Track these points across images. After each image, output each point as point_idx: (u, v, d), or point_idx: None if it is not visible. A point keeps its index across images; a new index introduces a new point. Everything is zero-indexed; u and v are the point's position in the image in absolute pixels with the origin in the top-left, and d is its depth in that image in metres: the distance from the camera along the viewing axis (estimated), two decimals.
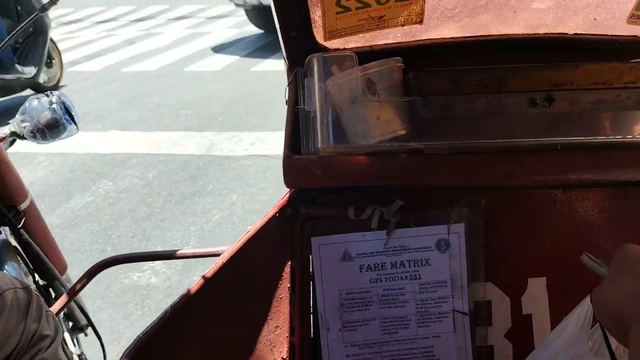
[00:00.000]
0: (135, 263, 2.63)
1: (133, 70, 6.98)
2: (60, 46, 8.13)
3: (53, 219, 3.35)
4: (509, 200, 1.22)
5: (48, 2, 1.18)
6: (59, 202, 3.67)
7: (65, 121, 1.37)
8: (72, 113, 1.42)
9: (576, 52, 1.09)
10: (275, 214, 1.17)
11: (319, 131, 1.01)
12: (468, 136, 0.98)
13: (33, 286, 1.20)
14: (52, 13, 10.73)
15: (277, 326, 1.24)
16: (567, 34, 1.15)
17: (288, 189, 1.16)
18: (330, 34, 1.07)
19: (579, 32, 1.14)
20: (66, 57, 7.44)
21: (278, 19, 1.01)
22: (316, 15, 1.05)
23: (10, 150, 1.43)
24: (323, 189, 1.17)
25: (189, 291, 1.09)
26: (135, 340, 0.96)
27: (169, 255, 1.37)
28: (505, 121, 0.97)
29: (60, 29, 9.69)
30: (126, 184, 3.88)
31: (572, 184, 1.18)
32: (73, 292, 1.25)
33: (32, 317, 0.89)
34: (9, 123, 1.38)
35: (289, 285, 1.24)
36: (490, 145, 0.98)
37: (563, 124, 0.96)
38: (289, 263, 1.23)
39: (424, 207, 1.20)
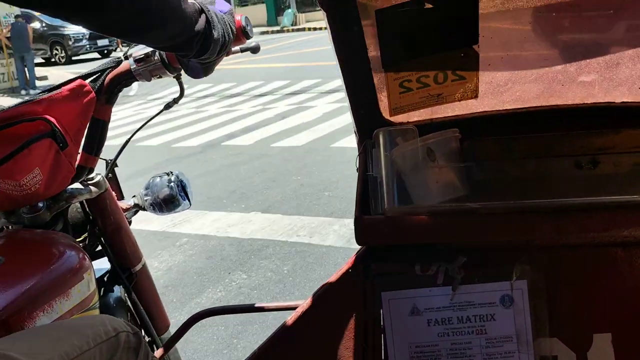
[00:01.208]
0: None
1: (282, 145, 7.07)
2: (220, 119, 8.80)
3: (181, 317, 3.18)
4: (571, 258, 1.30)
5: (171, 101, 1.44)
6: (191, 295, 3.59)
7: (180, 197, 1.61)
8: (188, 190, 1.65)
9: (621, 120, 1.20)
10: (348, 269, 1.31)
11: (385, 194, 1.16)
12: (520, 197, 1.10)
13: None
14: (216, 87, 11.86)
15: None
16: (614, 102, 1.26)
17: (359, 247, 1.30)
18: (395, 111, 1.26)
19: (625, 100, 1.26)
20: (224, 130, 8.10)
21: (349, 98, 1.20)
22: (382, 94, 1.23)
23: (156, 228, 1.64)
24: (391, 246, 1.31)
25: (268, 342, 1.23)
26: None
27: (257, 308, 1.53)
28: (553, 183, 1.08)
29: (223, 102, 10.46)
30: (260, 278, 3.73)
31: (631, 242, 1.25)
32: (170, 342, 1.44)
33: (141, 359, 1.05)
34: (134, 196, 1.64)
35: (360, 337, 1.35)
36: (540, 204, 1.09)
37: (608, 185, 1.06)
38: (360, 317, 1.35)
39: (487, 265, 1.30)
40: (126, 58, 1.32)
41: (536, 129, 1.18)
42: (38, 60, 18.05)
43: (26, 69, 13.47)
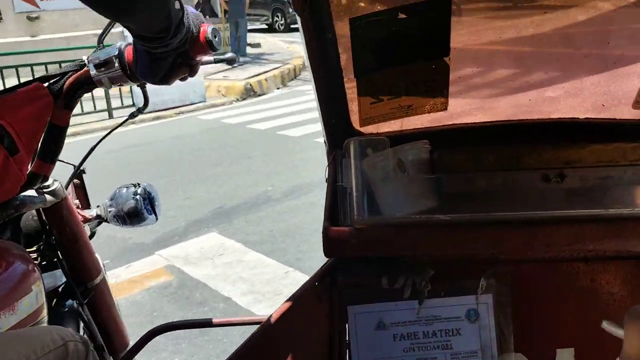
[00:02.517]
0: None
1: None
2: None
3: None
4: (535, 272, 1.33)
5: (136, 110, 1.40)
6: None
7: (145, 211, 1.55)
8: (156, 204, 1.59)
9: (587, 134, 1.23)
10: (315, 282, 1.30)
11: (354, 204, 1.15)
12: (488, 209, 1.11)
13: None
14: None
15: None
16: (578, 118, 1.30)
17: (327, 259, 1.29)
18: (365, 121, 1.26)
19: (589, 116, 1.30)
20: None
21: (320, 107, 1.19)
22: (353, 105, 1.23)
23: None
24: (359, 259, 1.30)
25: (234, 356, 1.20)
26: None
27: (217, 324, 1.49)
28: (521, 196, 1.10)
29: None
30: None
31: (594, 257, 1.29)
32: (129, 356, 1.38)
33: None
34: (98, 206, 1.57)
35: (325, 353, 1.34)
36: (508, 217, 1.11)
37: (575, 198, 1.09)
38: (325, 331, 1.34)
39: (453, 278, 1.31)
40: (89, 63, 1.28)
41: (504, 142, 1.20)
42: (260, 26, 18.12)
43: (239, 35, 12.88)
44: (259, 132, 7.31)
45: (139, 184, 1.56)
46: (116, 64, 1.24)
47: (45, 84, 1.23)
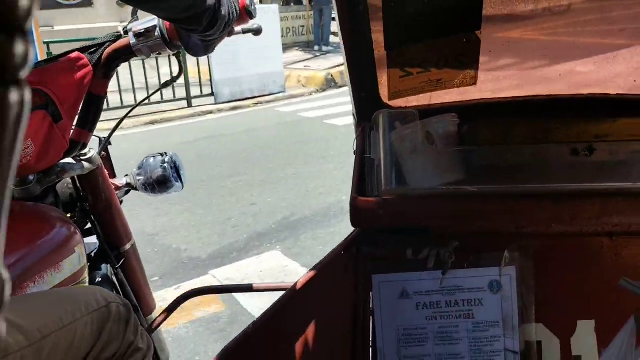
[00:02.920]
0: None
1: None
2: None
3: None
4: (559, 246, 1.35)
5: (169, 79, 1.45)
6: None
7: (173, 179, 1.61)
8: (181, 172, 1.65)
9: (618, 110, 1.24)
10: (341, 251, 1.33)
11: (382, 176, 1.18)
12: (516, 182, 1.13)
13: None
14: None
15: (339, 358, 1.38)
16: (609, 94, 1.31)
17: (354, 229, 1.33)
18: (394, 95, 1.28)
19: (620, 92, 1.30)
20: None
21: (350, 80, 1.21)
22: (382, 78, 1.25)
23: None
24: (385, 230, 1.33)
25: (258, 321, 1.25)
26: None
27: (247, 288, 1.54)
28: (549, 169, 1.12)
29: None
30: None
31: (618, 232, 1.30)
32: (162, 318, 1.44)
33: (130, 330, 1.06)
34: (127, 175, 1.63)
35: (350, 320, 1.38)
36: (536, 190, 1.13)
37: (603, 172, 1.10)
38: (350, 299, 1.38)
39: (477, 251, 1.34)
40: (126, 33, 1.32)
41: (533, 116, 1.21)
42: None
43: (322, 23, 12.63)
44: (336, 128, 7.03)
45: (166, 153, 1.61)
46: (156, 33, 1.28)
47: (85, 54, 1.27)
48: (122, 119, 1.56)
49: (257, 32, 1.46)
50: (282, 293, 1.36)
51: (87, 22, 11.74)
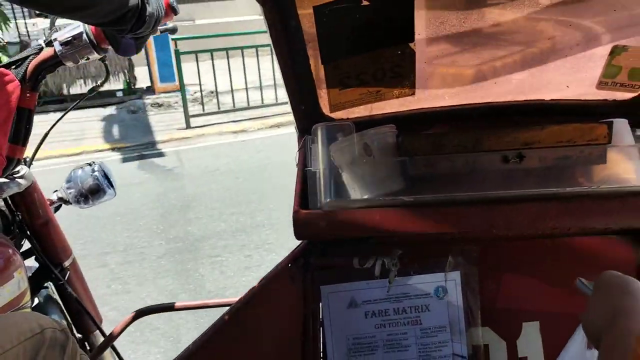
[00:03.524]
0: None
1: None
2: None
3: None
4: (502, 249, 1.39)
5: (96, 84, 1.46)
6: None
7: (105, 186, 1.61)
8: (111, 180, 1.66)
9: (553, 116, 1.28)
10: (288, 263, 1.35)
11: (322, 188, 1.20)
12: (452, 190, 1.17)
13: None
14: None
15: None
16: (544, 100, 1.35)
17: (300, 242, 1.34)
18: (334, 107, 1.30)
19: (554, 98, 1.35)
20: None
21: (289, 94, 1.23)
22: (322, 90, 1.27)
23: None
24: (331, 241, 1.35)
25: (206, 335, 1.26)
26: None
27: (196, 306, 1.55)
28: (483, 177, 1.16)
29: None
30: None
31: (558, 234, 1.35)
32: (111, 337, 1.44)
33: (68, 355, 1.05)
34: (56, 191, 1.62)
35: (300, 331, 1.40)
36: (469, 197, 1.16)
37: (534, 178, 1.15)
38: (299, 311, 1.40)
39: (422, 257, 1.37)
40: (48, 44, 1.33)
41: (468, 125, 1.25)
42: None
43: None
44: None
45: (93, 162, 1.63)
46: (84, 39, 1.29)
47: (10, 70, 1.28)
48: (48, 131, 1.55)
49: (172, 31, 1.50)
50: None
51: (227, 16, 11.64)
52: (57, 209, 1.66)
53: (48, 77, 1.45)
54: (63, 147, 6.72)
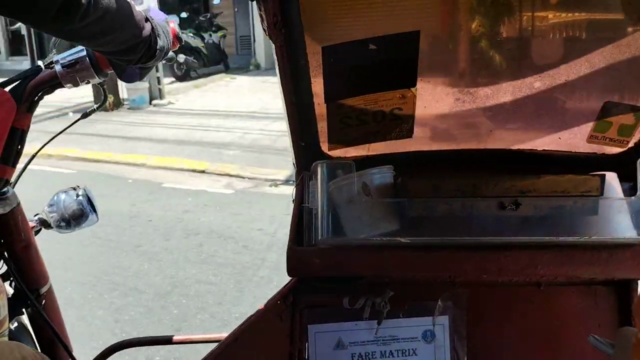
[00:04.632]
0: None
1: None
2: None
3: None
4: (491, 295, 1.42)
5: (91, 109, 1.48)
6: None
7: (89, 212, 1.60)
8: (94, 204, 1.65)
9: (544, 166, 1.34)
10: (277, 300, 1.36)
11: (319, 226, 1.22)
12: (447, 234, 1.20)
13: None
14: None
15: None
16: (536, 149, 1.41)
17: (291, 278, 1.35)
18: (333, 145, 1.33)
19: (546, 148, 1.40)
20: None
21: (290, 130, 1.26)
22: (322, 128, 1.31)
23: None
24: (323, 280, 1.37)
25: None
26: None
27: (176, 341, 1.53)
28: (479, 222, 1.19)
29: None
30: None
31: (547, 282, 1.39)
32: None
33: None
34: (37, 214, 1.60)
35: None
36: (464, 242, 1.20)
37: (528, 226, 1.19)
38: (286, 350, 1.40)
39: (412, 300, 1.39)
40: (47, 65, 1.34)
41: (465, 170, 1.30)
42: None
43: None
44: None
45: (78, 187, 1.62)
46: (87, 62, 1.31)
47: (6, 90, 1.28)
48: (35, 153, 1.55)
49: (170, 60, 1.53)
50: (215, 345, 1.37)
51: None
52: (36, 232, 1.63)
53: None
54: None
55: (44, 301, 1.51)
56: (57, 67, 1.31)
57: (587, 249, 1.22)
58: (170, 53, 1.52)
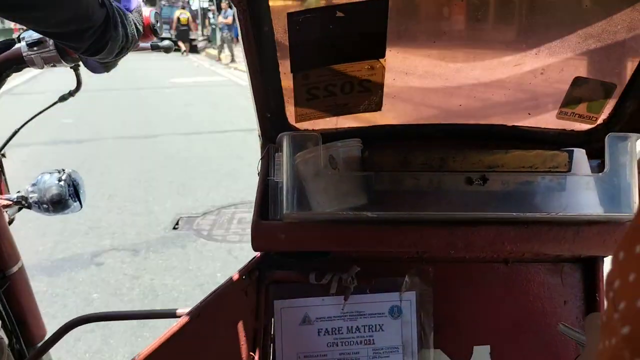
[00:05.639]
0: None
1: None
2: None
3: None
4: (458, 271, 1.42)
5: (67, 93, 1.41)
6: None
7: (69, 198, 1.53)
8: (80, 191, 1.57)
9: (512, 141, 1.33)
10: (242, 275, 1.34)
11: (285, 199, 1.20)
12: (414, 208, 1.19)
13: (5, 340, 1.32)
14: None
15: None
16: (505, 125, 1.40)
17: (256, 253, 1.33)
18: (300, 117, 1.31)
19: (516, 124, 1.40)
20: None
21: (255, 101, 1.23)
22: (289, 100, 1.28)
23: None
24: (288, 255, 1.35)
25: (149, 351, 1.22)
26: None
27: (139, 315, 1.50)
28: (446, 197, 1.18)
29: None
30: None
31: (513, 259, 1.39)
32: (45, 347, 1.37)
33: None
34: (19, 191, 1.54)
35: (249, 346, 1.38)
36: (431, 217, 1.19)
37: (496, 201, 1.18)
38: (251, 325, 1.38)
39: (379, 276, 1.39)
40: (19, 41, 1.27)
41: (433, 144, 1.28)
42: None
43: None
44: None
45: (63, 170, 1.55)
46: (50, 45, 1.24)
47: None
48: (15, 132, 1.50)
49: (167, 49, 1.46)
50: (176, 320, 1.34)
51: None
52: (19, 209, 1.57)
53: None
54: None
55: (9, 282, 1.46)
56: (22, 45, 1.25)
57: (554, 226, 1.22)
58: (168, 42, 1.44)
